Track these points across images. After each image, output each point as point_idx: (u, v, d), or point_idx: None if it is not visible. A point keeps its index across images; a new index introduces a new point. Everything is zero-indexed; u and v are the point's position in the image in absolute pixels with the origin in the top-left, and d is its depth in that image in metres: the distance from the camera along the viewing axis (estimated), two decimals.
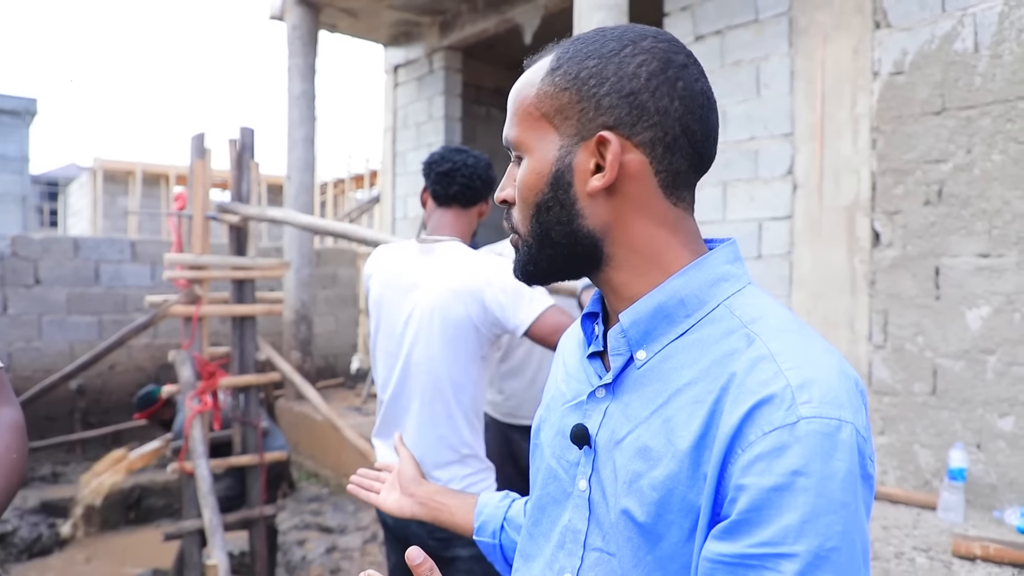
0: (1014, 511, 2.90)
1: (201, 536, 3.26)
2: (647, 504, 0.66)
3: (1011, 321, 3.01)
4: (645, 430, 0.68)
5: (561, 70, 0.71)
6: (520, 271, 0.78)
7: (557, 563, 0.77)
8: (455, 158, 1.84)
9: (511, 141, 0.76)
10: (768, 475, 0.58)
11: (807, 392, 0.60)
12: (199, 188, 3.46)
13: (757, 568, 0.58)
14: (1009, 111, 3.01)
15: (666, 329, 0.71)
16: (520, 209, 0.75)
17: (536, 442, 0.87)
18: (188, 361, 3.36)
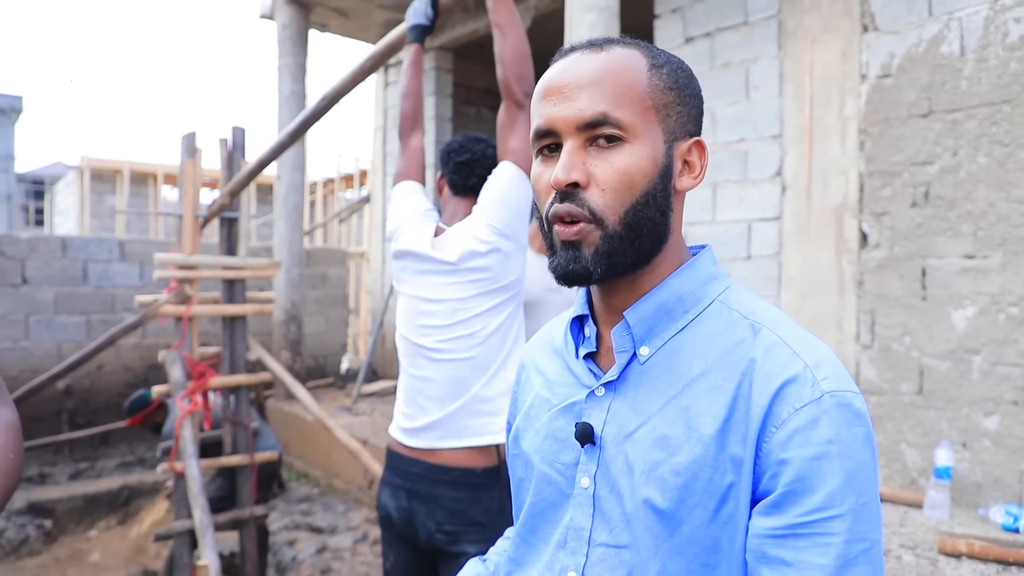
0: (999, 509, 2.94)
1: (191, 537, 3.25)
2: (670, 490, 0.69)
3: (996, 321, 3.05)
4: (661, 420, 0.71)
5: (664, 70, 0.75)
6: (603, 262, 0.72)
7: (558, 563, 0.78)
8: (474, 148, 1.84)
9: (617, 120, 0.71)
10: (808, 446, 0.64)
11: (823, 370, 0.68)
12: (189, 187, 3.44)
13: (809, 535, 0.64)
14: (994, 114, 3.05)
15: (666, 325, 0.75)
16: (617, 195, 0.71)
17: (515, 452, 0.88)
18: (178, 361, 3.35)
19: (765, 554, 0.66)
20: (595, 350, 0.80)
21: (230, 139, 3.53)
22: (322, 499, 5.01)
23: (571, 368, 0.83)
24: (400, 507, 1.80)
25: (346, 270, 7.70)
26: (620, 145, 0.71)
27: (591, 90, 0.71)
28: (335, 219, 10.17)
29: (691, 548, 0.68)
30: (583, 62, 0.74)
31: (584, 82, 0.72)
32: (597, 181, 0.71)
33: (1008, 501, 3.00)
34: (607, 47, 0.75)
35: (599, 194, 0.71)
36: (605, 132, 0.71)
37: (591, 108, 0.71)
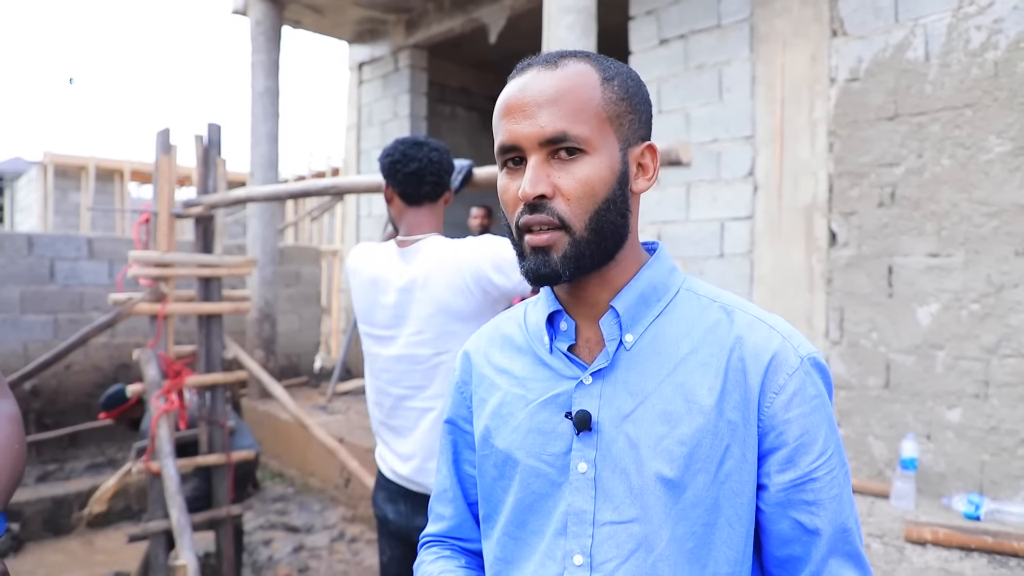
0: (961, 498, 3.05)
1: (167, 537, 3.23)
2: (676, 459, 0.76)
3: (959, 318, 3.15)
4: (658, 398, 0.78)
5: (615, 82, 0.81)
6: (570, 265, 0.78)
7: (559, 550, 0.81)
8: (418, 155, 1.79)
9: (575, 136, 0.76)
10: (804, 404, 0.77)
11: (795, 339, 0.80)
12: (164, 184, 3.42)
13: (821, 476, 0.77)
14: (957, 118, 3.15)
15: (644, 313, 0.82)
16: (581, 204, 0.77)
17: (486, 452, 0.89)
18: (154, 360, 3.32)
19: (791, 501, 0.77)
20: (574, 342, 0.84)
21: (206, 136, 3.51)
22: (298, 498, 5.00)
23: (546, 362, 0.86)
24: (397, 510, 1.82)
25: (320, 268, 7.66)
26: (580, 157, 0.77)
27: (550, 108, 0.77)
28: (307, 217, 10.10)
29: (695, 511, 0.76)
30: (540, 80, 0.79)
31: (543, 100, 0.77)
32: (562, 192, 0.77)
33: (970, 490, 3.11)
34: (561, 63, 0.80)
35: (565, 203, 0.77)
36: (566, 146, 0.77)
37: (551, 126, 0.76)
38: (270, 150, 5.85)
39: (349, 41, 7.27)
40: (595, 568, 0.78)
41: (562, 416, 0.82)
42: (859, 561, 0.78)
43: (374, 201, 7.11)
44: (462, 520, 1.00)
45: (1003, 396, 3.04)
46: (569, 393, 0.82)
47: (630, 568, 0.77)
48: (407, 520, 1.81)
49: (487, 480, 0.90)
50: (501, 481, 0.87)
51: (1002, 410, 3.04)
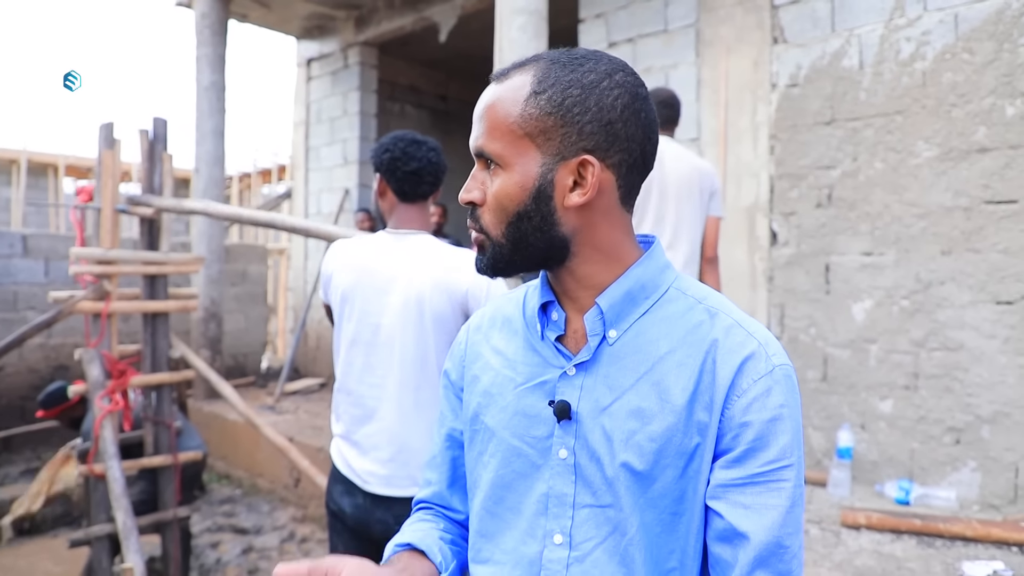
0: (893, 484, 3.21)
1: (111, 542, 3.15)
2: (646, 454, 0.79)
3: (890, 313, 3.32)
4: (634, 394, 0.81)
5: (546, 95, 0.80)
6: (489, 268, 0.85)
7: (540, 528, 0.85)
8: (418, 155, 1.82)
9: (489, 153, 0.82)
10: (765, 410, 0.78)
11: (771, 348, 0.81)
12: (108, 180, 3.34)
13: (765, 482, 0.77)
14: (888, 124, 3.32)
15: (631, 310, 0.84)
16: (495, 215, 0.82)
17: (476, 427, 0.93)
18: (96, 359, 3.24)
19: (727, 499, 0.78)
20: (563, 332, 0.88)
21: (151, 130, 3.44)
22: (245, 500, 4.92)
23: (536, 349, 0.89)
24: (355, 504, 1.80)
25: (267, 267, 7.54)
26: (498, 171, 0.82)
27: (479, 123, 0.84)
28: None
29: (662, 500, 0.80)
30: (484, 94, 0.84)
31: (477, 115, 0.84)
32: (486, 201, 0.83)
33: (901, 477, 3.28)
34: (507, 77, 0.83)
35: (486, 212, 0.83)
36: (490, 161, 0.83)
37: (474, 142, 0.84)
38: (216, 146, 5.74)
39: (297, 37, 7.19)
40: (574, 547, 0.83)
41: (546, 403, 0.86)
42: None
43: (323, 199, 7.04)
44: (447, 486, 1.03)
45: (931, 387, 3.21)
46: (554, 381, 0.86)
47: (606, 548, 0.81)
48: (366, 514, 1.79)
49: (473, 455, 0.94)
50: (483, 457, 0.91)
51: (930, 400, 3.21)
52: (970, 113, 3.12)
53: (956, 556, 2.65)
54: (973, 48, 3.11)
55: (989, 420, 3.07)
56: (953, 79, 3.16)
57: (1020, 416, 3.00)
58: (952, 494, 3.10)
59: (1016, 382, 3.01)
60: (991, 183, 3.07)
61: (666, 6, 4.09)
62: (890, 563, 2.61)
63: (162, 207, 3.31)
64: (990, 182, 3.07)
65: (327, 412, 5.45)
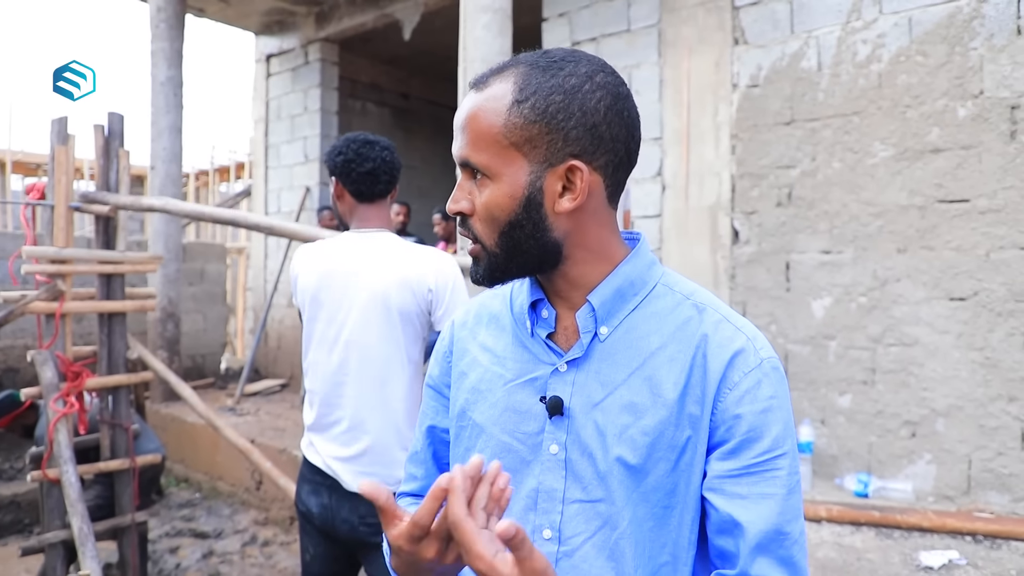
0: (852, 477, 3.29)
1: (65, 548, 3.06)
2: (639, 448, 0.81)
3: (848, 310, 3.39)
4: (626, 389, 0.83)
5: (528, 103, 0.79)
6: (486, 278, 0.85)
7: (529, 523, 0.85)
8: (372, 155, 1.84)
9: (475, 164, 0.81)
10: (756, 402, 0.80)
11: (758, 342, 0.83)
12: (61, 176, 3.24)
13: (760, 472, 0.78)
14: (846, 124, 3.39)
15: (620, 307, 0.86)
16: (487, 225, 0.82)
17: (463, 424, 0.94)
18: (50, 361, 3.14)
19: (723, 490, 0.80)
20: (553, 330, 0.88)
21: (106, 126, 3.35)
22: (205, 503, 4.83)
23: (526, 346, 0.90)
24: (321, 503, 1.81)
25: (226, 266, 7.40)
26: (485, 182, 0.81)
27: (461, 134, 0.83)
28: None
29: (655, 494, 0.81)
30: (465, 103, 0.83)
31: (459, 125, 0.83)
32: (476, 211, 0.83)
33: (860, 470, 3.35)
34: (487, 85, 0.82)
35: (477, 222, 0.83)
36: (476, 171, 0.82)
37: (459, 152, 0.83)
38: (173, 142, 5.61)
39: (256, 32, 7.06)
40: (563, 542, 0.83)
41: (537, 399, 0.86)
42: (794, 569, 0.78)
43: (284, 197, 6.93)
44: (431, 481, 1.03)
45: (887, 382, 3.29)
46: (545, 378, 0.86)
47: (595, 543, 0.82)
48: (332, 513, 1.79)
49: (460, 451, 0.94)
50: (471, 452, 0.91)
51: (887, 395, 3.30)
52: (924, 114, 3.20)
53: (913, 546, 2.72)
54: (926, 51, 3.19)
55: (943, 413, 3.16)
56: (908, 81, 3.24)
57: (972, 409, 3.09)
58: (909, 486, 3.18)
59: (968, 376, 3.10)
60: (944, 183, 3.16)
61: (629, 6, 4.12)
62: (850, 554, 2.67)
63: (119, 204, 3.23)
64: (943, 182, 3.16)
65: (289, 413, 5.37)
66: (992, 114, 3.05)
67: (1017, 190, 2.99)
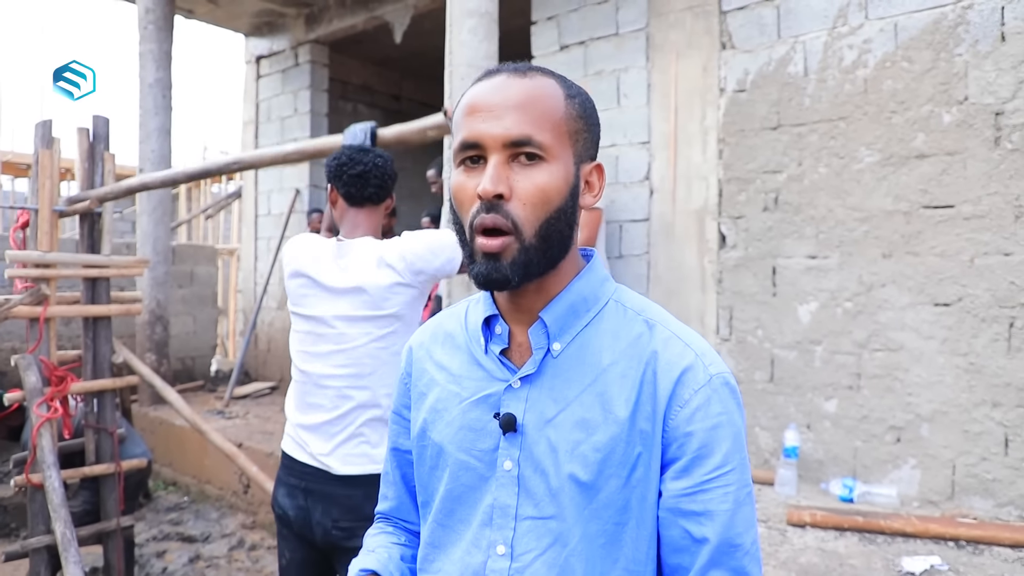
0: (837, 482, 3.29)
1: (50, 554, 3.05)
2: (591, 465, 0.81)
3: (834, 315, 3.40)
4: (578, 406, 0.83)
5: (577, 100, 0.85)
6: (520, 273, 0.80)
7: (484, 539, 0.86)
8: (364, 159, 1.89)
9: (539, 143, 0.79)
10: (707, 419, 0.81)
11: (708, 358, 0.84)
12: (45, 180, 3.22)
13: (713, 488, 0.80)
14: (832, 129, 3.40)
15: (573, 323, 0.86)
16: (535, 209, 0.80)
17: (424, 443, 0.94)
18: (34, 365, 3.13)
19: (680, 510, 0.81)
20: (507, 346, 0.89)
21: (91, 129, 3.33)
22: (193, 507, 4.81)
23: (480, 363, 0.90)
24: (297, 506, 1.82)
25: (216, 268, 7.38)
26: (539, 164, 0.80)
27: (518, 112, 0.79)
28: (201, 215, 9.70)
29: (607, 511, 0.81)
30: (511, 85, 0.82)
31: (512, 104, 0.80)
32: (519, 195, 0.79)
33: (845, 475, 3.36)
34: (530, 74, 0.83)
35: (520, 207, 0.79)
36: (527, 151, 0.79)
37: (517, 128, 0.79)
38: (162, 144, 5.59)
39: (246, 34, 7.05)
40: (515, 558, 0.84)
41: (492, 416, 0.87)
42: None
43: (273, 200, 6.92)
44: (401, 501, 1.06)
45: (873, 387, 3.30)
46: (499, 395, 0.87)
47: (546, 560, 0.83)
48: (306, 515, 1.81)
49: (424, 470, 0.95)
50: (435, 472, 0.92)
51: (872, 400, 3.30)
52: (909, 120, 3.21)
53: (896, 552, 2.73)
54: (912, 57, 3.20)
55: (928, 419, 3.17)
56: (893, 86, 3.25)
57: (957, 415, 3.10)
58: (893, 491, 3.19)
59: (953, 381, 3.11)
60: (929, 188, 3.17)
61: (617, 10, 4.12)
62: (833, 560, 2.67)
63: (99, 195, 3.20)
64: (928, 187, 3.17)
65: (278, 416, 5.36)
66: (977, 120, 3.06)
67: (1001, 196, 3.01)
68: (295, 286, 1.90)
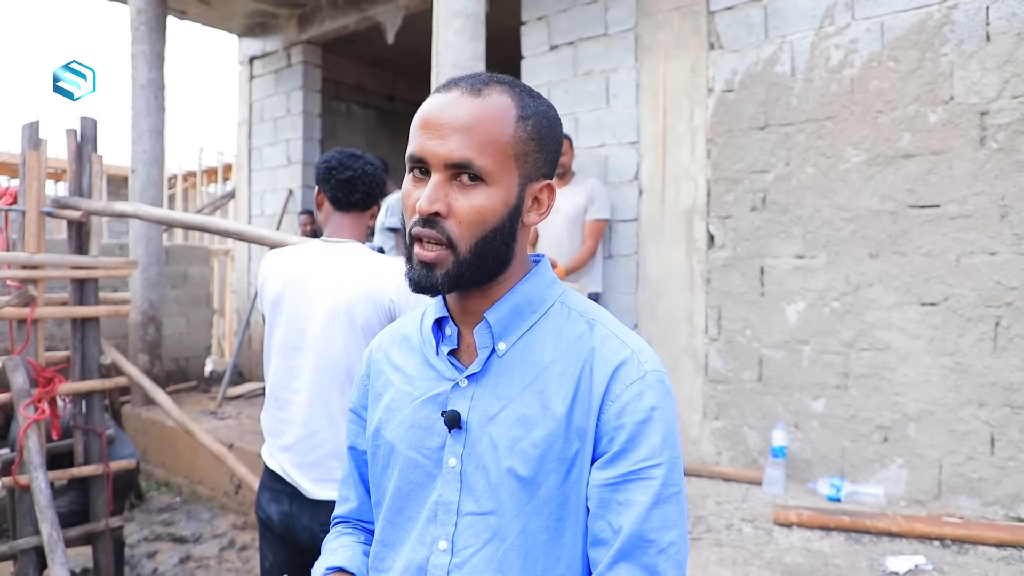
0: (825, 482, 3.30)
1: (38, 555, 3.05)
2: (529, 460, 0.83)
3: (821, 315, 3.40)
4: (520, 403, 0.86)
5: (531, 122, 0.86)
6: (450, 283, 0.84)
7: (428, 536, 0.88)
8: (354, 165, 1.89)
9: (479, 167, 0.82)
10: (636, 413, 0.82)
11: (644, 355, 0.86)
12: (32, 181, 3.22)
13: (636, 480, 0.81)
14: (819, 129, 3.40)
15: (519, 324, 0.89)
16: (470, 228, 0.83)
17: (377, 443, 0.97)
18: (21, 367, 3.13)
19: (603, 500, 0.82)
20: (456, 347, 0.92)
21: (79, 130, 3.33)
22: (185, 507, 4.81)
23: (431, 363, 0.93)
24: (282, 511, 1.82)
25: (210, 269, 7.37)
26: (479, 186, 0.83)
27: (462, 135, 0.82)
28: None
29: (547, 507, 0.83)
30: (461, 105, 0.83)
31: (458, 126, 0.82)
32: (455, 214, 0.82)
33: (832, 474, 3.36)
34: (485, 92, 0.84)
35: (455, 225, 0.82)
36: (468, 173, 0.82)
37: (459, 152, 0.81)
38: (154, 145, 5.59)
39: (239, 34, 7.05)
40: (455, 553, 0.86)
41: (439, 414, 0.89)
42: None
43: (267, 200, 6.92)
44: (362, 502, 1.07)
45: (860, 387, 3.30)
46: (447, 393, 0.90)
47: (484, 555, 0.85)
48: (292, 520, 1.80)
49: (377, 469, 0.97)
50: (387, 470, 0.95)
51: (859, 400, 3.31)
52: (896, 120, 3.21)
53: (881, 551, 2.73)
54: (898, 56, 3.20)
55: (915, 418, 3.17)
56: (880, 86, 3.25)
57: (943, 414, 3.10)
58: (880, 491, 3.19)
59: (939, 381, 3.11)
60: (915, 188, 3.17)
61: (606, 10, 4.12)
62: (818, 560, 2.68)
63: (91, 210, 3.22)
64: (914, 187, 3.17)
65: None
66: (962, 120, 3.06)
67: (987, 196, 3.01)
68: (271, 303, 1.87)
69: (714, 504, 3.28)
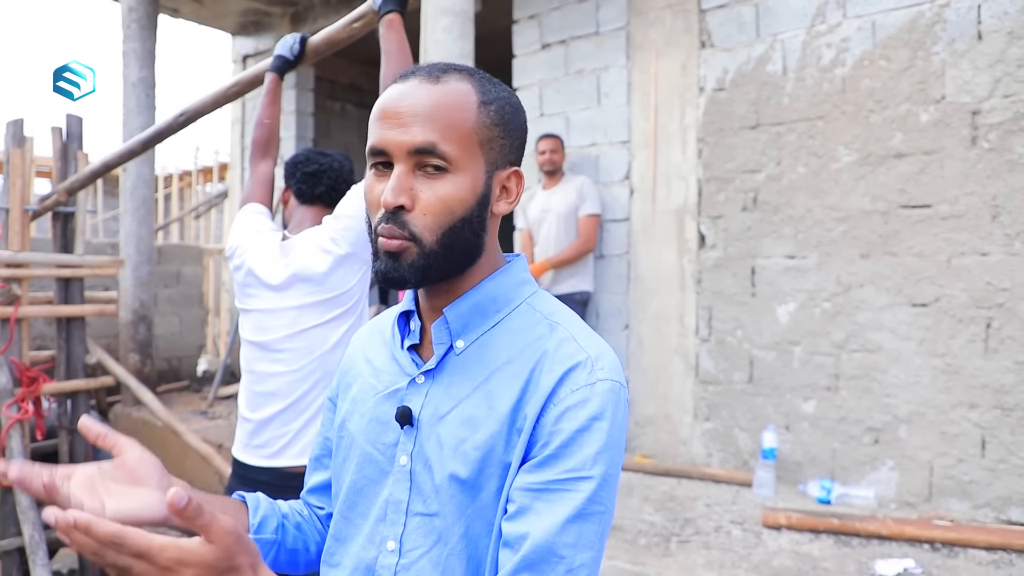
0: (815, 484, 3.27)
1: (21, 556, 3.03)
2: (471, 463, 0.80)
3: (812, 316, 3.38)
4: (469, 403, 0.82)
5: (493, 107, 0.83)
6: (418, 277, 0.81)
7: (378, 535, 0.86)
8: (320, 160, 1.92)
9: (443, 153, 0.78)
10: (575, 420, 0.76)
11: (601, 362, 0.80)
12: (16, 180, 3.20)
13: (560, 490, 0.75)
14: (810, 128, 3.38)
15: (480, 322, 0.86)
16: (436, 219, 0.79)
17: (342, 434, 0.95)
18: (4, 366, 3.10)
19: (522, 505, 0.76)
20: (419, 342, 0.90)
21: (64, 128, 3.31)
22: None
23: (396, 358, 0.91)
24: None
25: (203, 268, 7.34)
26: (444, 175, 0.79)
27: (424, 121, 0.79)
28: (192, 213, 9.67)
29: (489, 511, 0.80)
30: (420, 92, 0.80)
31: (419, 112, 0.79)
32: (420, 205, 0.79)
33: (823, 476, 3.34)
34: (444, 78, 0.82)
35: (421, 217, 0.79)
36: (432, 162, 0.79)
37: (422, 137, 0.78)
38: None
39: (232, 33, 7.01)
40: (403, 555, 0.83)
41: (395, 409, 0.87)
42: None
43: None
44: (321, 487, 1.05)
45: (851, 388, 3.28)
46: (404, 389, 0.88)
47: (431, 558, 0.82)
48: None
49: (338, 460, 0.95)
50: (346, 463, 0.92)
51: (850, 401, 3.28)
52: (887, 119, 3.19)
53: (870, 555, 2.71)
54: (890, 55, 3.18)
55: (906, 420, 3.15)
56: (871, 85, 3.22)
57: (934, 416, 3.08)
58: (871, 493, 3.17)
59: (930, 383, 3.09)
60: (907, 188, 3.14)
61: (597, 9, 4.10)
62: (806, 563, 2.65)
63: (66, 188, 3.17)
64: (906, 187, 3.15)
65: None
66: (954, 119, 3.03)
67: (978, 196, 2.98)
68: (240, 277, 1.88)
69: (703, 506, 3.26)
